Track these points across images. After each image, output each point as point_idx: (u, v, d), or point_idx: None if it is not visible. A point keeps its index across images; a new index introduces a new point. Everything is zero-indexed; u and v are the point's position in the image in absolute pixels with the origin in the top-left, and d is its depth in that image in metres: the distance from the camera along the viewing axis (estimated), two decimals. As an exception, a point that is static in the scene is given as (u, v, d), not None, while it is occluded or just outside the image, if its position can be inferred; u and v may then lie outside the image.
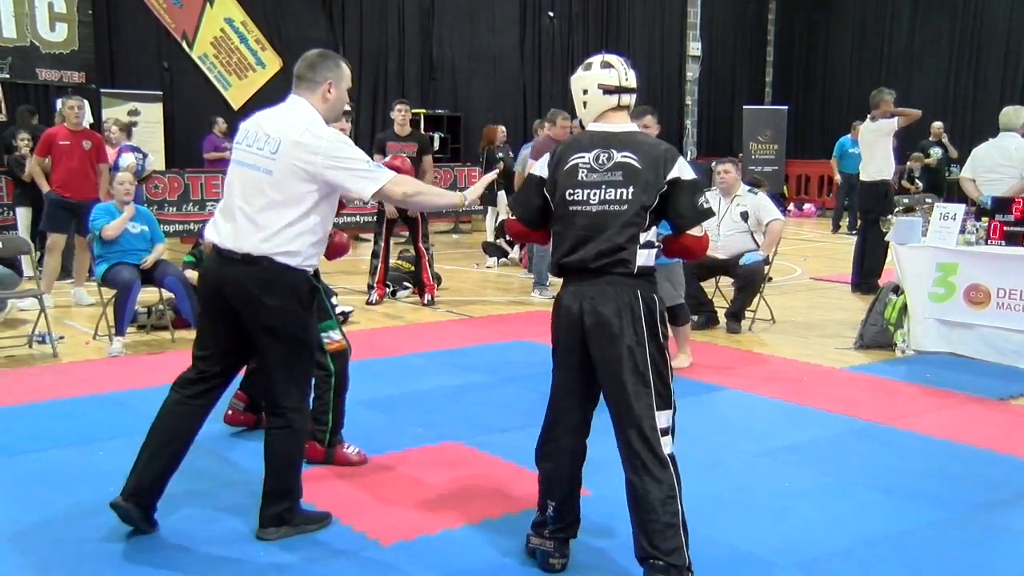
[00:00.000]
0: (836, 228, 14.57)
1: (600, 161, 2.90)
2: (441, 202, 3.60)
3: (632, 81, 3.03)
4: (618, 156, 2.89)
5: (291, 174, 3.15)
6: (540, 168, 3.05)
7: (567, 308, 2.91)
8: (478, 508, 3.58)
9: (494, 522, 3.47)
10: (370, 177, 3.21)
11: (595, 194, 2.88)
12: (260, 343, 3.29)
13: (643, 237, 2.87)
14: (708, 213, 2.92)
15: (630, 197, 2.85)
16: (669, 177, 2.85)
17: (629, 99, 3.03)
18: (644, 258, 2.87)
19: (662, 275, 5.51)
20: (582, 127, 3.08)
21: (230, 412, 4.50)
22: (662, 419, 2.83)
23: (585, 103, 3.03)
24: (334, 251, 4.21)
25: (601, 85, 2.98)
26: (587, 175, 2.90)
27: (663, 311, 2.92)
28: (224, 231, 3.25)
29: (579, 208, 2.90)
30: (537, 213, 3.07)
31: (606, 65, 3.02)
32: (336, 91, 3.34)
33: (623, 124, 2.99)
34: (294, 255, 3.20)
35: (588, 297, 2.86)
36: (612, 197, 2.86)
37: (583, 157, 2.93)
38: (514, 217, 3.17)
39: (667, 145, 2.96)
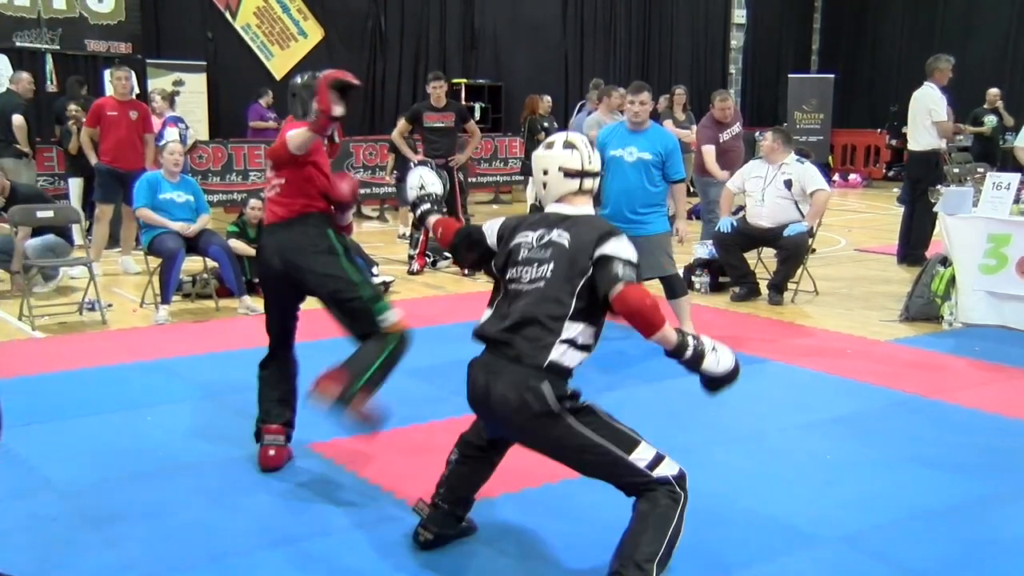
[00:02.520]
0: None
1: (542, 241, 2.78)
2: None
3: (596, 165, 2.89)
4: (553, 235, 2.77)
5: None
6: (490, 233, 2.96)
7: (473, 380, 2.79)
8: (516, 478, 3.59)
9: (534, 491, 3.49)
10: None
11: (527, 272, 2.76)
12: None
13: (567, 330, 2.66)
14: (628, 276, 2.64)
15: (549, 275, 2.71)
16: (596, 254, 2.67)
17: (592, 183, 2.88)
18: (559, 354, 2.65)
19: (646, 247, 5.50)
20: (541, 207, 2.97)
21: (272, 453, 3.74)
22: (639, 459, 2.62)
23: (545, 184, 2.90)
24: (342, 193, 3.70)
25: (562, 168, 2.85)
26: (526, 254, 2.80)
27: (574, 393, 2.70)
28: None
29: (514, 287, 2.80)
30: (468, 256, 3.15)
31: (569, 146, 2.87)
32: None
33: (582, 208, 2.86)
34: None
35: (492, 372, 2.71)
36: (537, 275, 2.74)
37: (527, 237, 2.83)
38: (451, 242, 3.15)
39: (610, 227, 2.77)
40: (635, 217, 5.58)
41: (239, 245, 7.13)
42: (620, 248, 2.69)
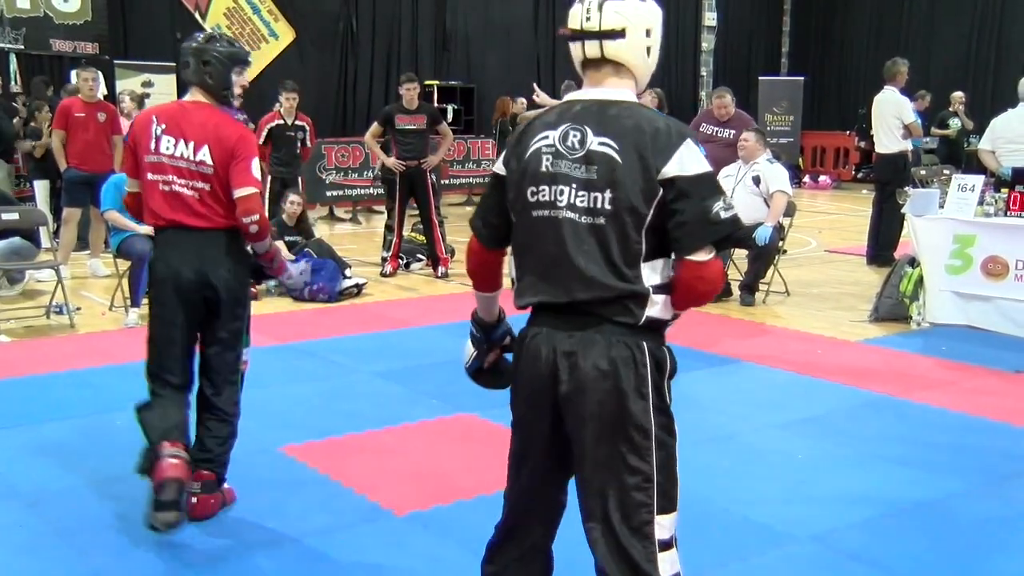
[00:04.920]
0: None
1: (569, 143, 1.98)
2: None
3: (598, 21, 1.97)
4: (593, 141, 1.96)
5: None
6: (499, 164, 2.15)
7: (534, 357, 2.04)
8: (492, 479, 3.59)
9: (508, 492, 3.48)
10: None
11: (563, 193, 1.97)
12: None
13: (650, 272, 1.96)
14: (725, 225, 1.94)
15: (608, 207, 1.93)
16: (662, 176, 1.91)
17: (595, 49, 1.99)
18: (655, 306, 1.98)
19: None
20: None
21: (195, 501, 3.28)
22: (663, 527, 2.04)
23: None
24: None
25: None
26: (552, 163, 1.99)
27: (673, 368, 2.08)
28: None
29: (544, 213, 2.00)
30: (493, 224, 2.16)
31: None
32: None
33: (609, 89, 2.02)
34: None
35: (566, 349, 1.99)
36: (586, 204, 1.95)
37: (547, 137, 2.01)
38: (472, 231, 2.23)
39: (665, 121, 1.97)
40: None
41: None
42: (693, 161, 1.94)
